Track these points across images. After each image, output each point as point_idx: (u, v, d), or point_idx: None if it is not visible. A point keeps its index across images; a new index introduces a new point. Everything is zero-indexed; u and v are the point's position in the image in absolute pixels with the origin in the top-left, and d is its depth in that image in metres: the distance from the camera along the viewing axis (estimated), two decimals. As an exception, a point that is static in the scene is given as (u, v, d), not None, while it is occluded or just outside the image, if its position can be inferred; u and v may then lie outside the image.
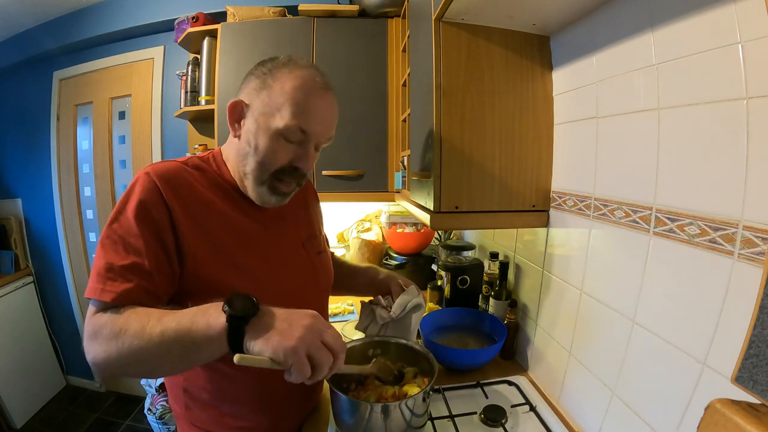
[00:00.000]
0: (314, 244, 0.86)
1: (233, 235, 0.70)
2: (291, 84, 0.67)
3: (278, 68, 0.69)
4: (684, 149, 0.58)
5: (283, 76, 0.68)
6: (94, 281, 0.58)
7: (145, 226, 0.61)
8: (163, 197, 0.63)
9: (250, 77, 0.71)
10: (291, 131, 0.67)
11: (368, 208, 2.07)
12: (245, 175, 0.71)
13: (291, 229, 0.81)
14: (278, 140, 0.67)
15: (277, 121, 0.66)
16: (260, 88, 0.68)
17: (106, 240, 0.60)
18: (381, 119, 1.63)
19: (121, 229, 0.60)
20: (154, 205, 0.62)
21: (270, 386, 0.75)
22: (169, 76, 2.10)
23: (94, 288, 0.58)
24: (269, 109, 0.67)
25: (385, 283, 0.92)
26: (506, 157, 0.93)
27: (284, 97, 0.66)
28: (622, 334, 0.70)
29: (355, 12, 1.63)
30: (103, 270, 0.58)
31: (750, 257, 0.47)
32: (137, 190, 0.62)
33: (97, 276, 0.58)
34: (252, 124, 0.68)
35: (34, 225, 2.47)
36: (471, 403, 0.93)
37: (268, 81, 0.68)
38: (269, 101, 0.67)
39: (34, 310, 2.44)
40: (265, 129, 0.67)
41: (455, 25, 0.88)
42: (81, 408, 2.38)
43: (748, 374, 0.43)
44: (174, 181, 0.65)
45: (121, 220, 0.61)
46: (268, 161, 0.68)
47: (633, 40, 0.67)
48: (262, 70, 0.70)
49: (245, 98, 0.70)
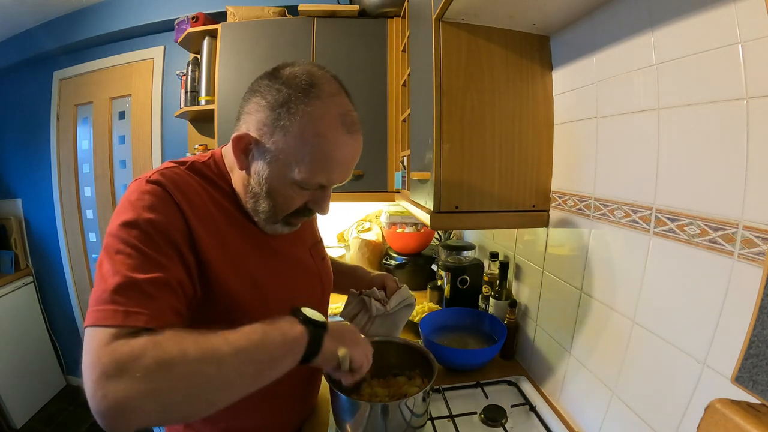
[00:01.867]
0: (319, 250, 0.86)
1: (246, 245, 0.66)
2: (313, 130, 0.57)
3: (297, 101, 0.57)
4: (684, 149, 0.58)
5: (304, 117, 0.56)
6: (106, 302, 0.46)
7: (164, 238, 0.53)
8: (179, 208, 0.56)
9: (260, 101, 0.59)
10: (309, 184, 0.61)
11: (368, 208, 2.07)
12: (255, 212, 0.65)
13: (298, 238, 0.79)
14: (294, 188, 0.61)
15: (294, 174, 0.59)
16: (273, 126, 0.57)
17: (115, 252, 0.50)
18: (381, 119, 1.63)
19: (136, 239, 0.51)
20: (171, 216, 0.55)
21: (269, 387, 0.75)
22: (169, 76, 2.10)
23: (110, 311, 0.46)
24: (285, 157, 0.58)
25: (379, 278, 0.93)
26: (506, 157, 0.93)
27: (305, 148, 0.57)
28: (622, 334, 0.70)
29: (355, 12, 1.63)
30: (121, 286, 0.47)
31: (750, 257, 0.47)
32: (149, 199, 0.54)
33: (112, 295, 0.47)
34: (263, 167, 0.60)
35: (34, 225, 2.47)
36: (471, 403, 0.93)
37: (284, 120, 0.57)
38: (285, 147, 0.57)
39: (34, 310, 2.44)
40: (280, 177, 0.60)
41: (455, 25, 0.88)
42: (81, 408, 2.38)
43: (748, 374, 0.43)
44: (186, 189, 0.58)
45: (135, 230, 0.51)
46: (283, 206, 0.64)
47: (633, 40, 0.67)
48: (276, 99, 0.57)
49: (254, 132, 0.59)
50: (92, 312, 0.47)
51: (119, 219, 0.52)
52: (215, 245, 0.60)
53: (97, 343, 0.44)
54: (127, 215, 0.52)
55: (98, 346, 0.44)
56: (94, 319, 0.46)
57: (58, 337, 2.52)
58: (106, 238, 0.52)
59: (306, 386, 0.83)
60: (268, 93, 0.58)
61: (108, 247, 0.51)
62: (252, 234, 0.68)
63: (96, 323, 0.45)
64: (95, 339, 0.45)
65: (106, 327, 0.45)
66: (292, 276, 0.75)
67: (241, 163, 0.61)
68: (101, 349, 0.43)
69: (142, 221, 0.52)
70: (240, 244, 0.65)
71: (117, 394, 0.41)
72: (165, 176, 0.57)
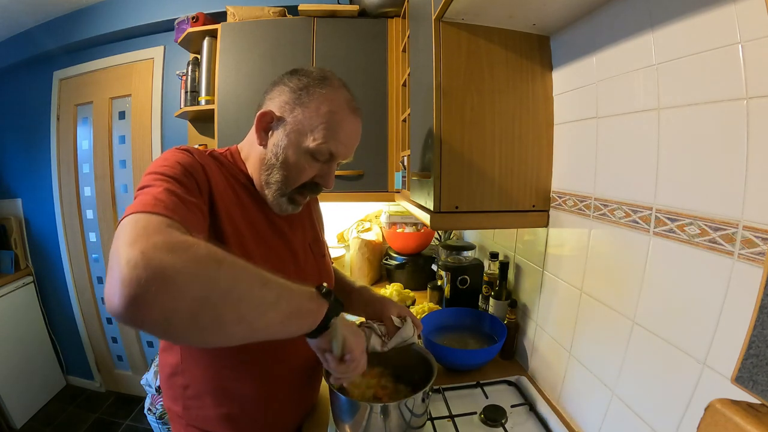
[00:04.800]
0: (319, 247, 0.89)
1: (251, 228, 0.71)
2: (327, 107, 0.69)
3: (314, 86, 0.70)
4: (684, 149, 0.58)
5: (320, 97, 0.69)
6: (154, 199, 0.47)
7: (193, 181, 0.59)
8: (204, 170, 0.63)
9: (283, 88, 0.71)
10: (321, 152, 0.70)
11: (368, 208, 2.07)
12: (267, 184, 0.73)
13: (299, 230, 0.83)
14: (306, 158, 0.70)
15: (309, 141, 0.69)
16: (294, 104, 0.69)
17: (153, 180, 0.53)
18: (381, 119, 1.63)
19: (174, 172, 0.56)
20: (199, 171, 0.61)
21: (270, 385, 0.75)
22: (169, 76, 2.10)
23: (160, 204, 0.46)
24: (302, 128, 0.69)
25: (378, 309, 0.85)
26: (506, 157, 0.93)
27: (320, 119, 0.69)
28: (622, 334, 0.70)
29: (355, 12, 1.63)
30: (161, 193, 0.49)
31: (750, 257, 0.47)
32: (181, 156, 0.61)
33: (153, 197, 0.47)
34: (282, 138, 0.70)
35: (34, 225, 2.47)
36: (471, 403, 0.93)
37: (304, 98, 0.69)
38: (303, 119, 0.69)
39: (34, 310, 2.44)
40: (296, 146, 0.69)
41: (455, 25, 0.88)
42: (81, 408, 2.38)
43: (748, 374, 0.43)
44: (208, 163, 0.66)
45: (170, 167, 0.57)
46: (294, 176, 0.71)
47: (633, 40, 0.67)
48: (298, 84, 0.70)
49: (276, 110, 0.70)
50: (135, 205, 0.45)
51: (155, 166, 0.57)
52: (227, 214, 0.66)
53: (145, 224, 0.42)
54: (162, 162, 0.58)
55: (148, 225, 0.42)
56: (140, 207, 0.44)
57: (58, 337, 2.52)
58: (143, 178, 0.55)
59: (305, 385, 0.83)
60: (290, 81, 0.71)
61: (147, 180, 0.53)
62: (260, 217, 0.74)
63: (142, 210, 0.44)
64: (141, 221, 0.42)
65: (157, 214, 0.44)
66: (291, 265, 0.78)
67: (261, 139, 0.71)
68: (152, 228, 0.41)
69: (177, 165, 0.58)
70: (247, 222, 0.70)
71: (164, 262, 0.37)
72: (191, 149, 0.65)
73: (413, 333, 0.82)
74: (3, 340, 2.17)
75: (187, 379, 0.72)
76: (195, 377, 0.72)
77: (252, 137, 0.74)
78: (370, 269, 1.86)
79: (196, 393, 0.72)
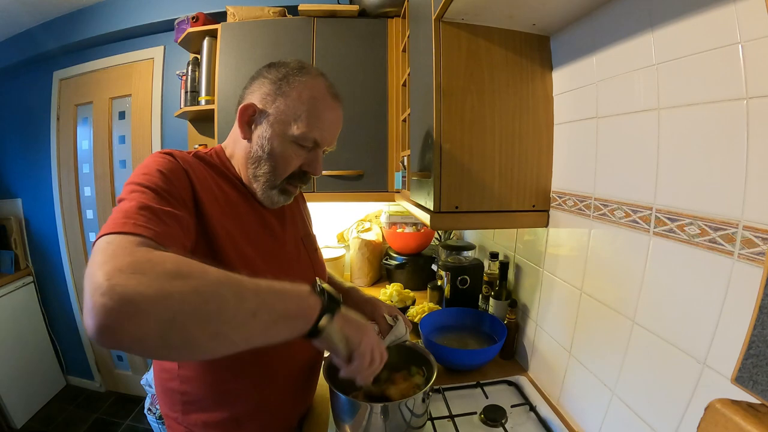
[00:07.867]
0: (311, 242, 0.89)
1: (241, 226, 0.70)
2: (309, 93, 0.70)
3: (293, 75, 0.70)
4: (684, 149, 0.58)
5: (300, 85, 0.70)
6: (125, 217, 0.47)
7: (175, 189, 0.58)
8: (187, 175, 0.61)
9: (262, 80, 0.71)
10: (306, 139, 0.70)
11: (368, 208, 2.07)
12: (255, 178, 0.72)
13: (291, 227, 0.83)
14: (292, 146, 0.70)
15: (293, 129, 0.69)
16: (275, 94, 0.70)
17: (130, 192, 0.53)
18: (381, 119, 1.63)
19: (151, 183, 0.55)
20: (182, 178, 0.60)
21: (268, 387, 0.75)
22: (169, 76, 2.10)
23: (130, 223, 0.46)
24: (286, 117, 0.69)
25: (370, 310, 0.88)
26: (506, 157, 0.93)
27: (302, 106, 0.69)
28: (622, 334, 0.70)
29: (355, 12, 1.63)
30: (133, 209, 0.49)
31: (750, 257, 0.47)
32: (162, 162, 0.59)
33: (129, 214, 0.48)
34: (267, 129, 0.70)
35: (34, 225, 2.47)
36: (471, 403, 0.93)
37: (284, 88, 0.70)
38: (285, 109, 0.69)
39: (34, 310, 2.44)
40: (280, 135, 0.69)
41: (455, 25, 0.88)
42: (81, 408, 2.38)
43: (748, 374, 0.43)
44: (192, 165, 0.65)
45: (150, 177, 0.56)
46: (282, 166, 0.71)
47: (633, 40, 0.67)
48: (277, 75, 0.71)
49: (258, 102, 0.70)
50: (107, 226, 0.46)
51: (134, 176, 0.57)
52: (216, 215, 0.64)
53: (114, 246, 0.42)
54: (142, 170, 0.58)
55: (117, 247, 0.42)
56: (111, 227, 0.45)
57: (58, 337, 2.52)
58: (123, 188, 0.56)
59: (302, 387, 0.83)
60: (269, 73, 0.71)
61: (124, 193, 0.54)
62: (250, 215, 0.73)
63: (112, 231, 0.45)
64: (112, 243, 0.43)
65: (126, 234, 0.44)
66: (285, 259, 0.78)
67: (244, 133, 0.71)
68: (120, 249, 0.42)
69: (156, 172, 0.57)
70: (237, 221, 0.69)
71: (127, 288, 0.37)
72: (174, 152, 0.64)
73: (406, 330, 0.85)
74: (3, 340, 2.17)
75: (185, 383, 0.71)
76: (194, 381, 0.70)
77: (235, 134, 0.73)
78: (370, 269, 1.86)
79: (194, 397, 0.71)
